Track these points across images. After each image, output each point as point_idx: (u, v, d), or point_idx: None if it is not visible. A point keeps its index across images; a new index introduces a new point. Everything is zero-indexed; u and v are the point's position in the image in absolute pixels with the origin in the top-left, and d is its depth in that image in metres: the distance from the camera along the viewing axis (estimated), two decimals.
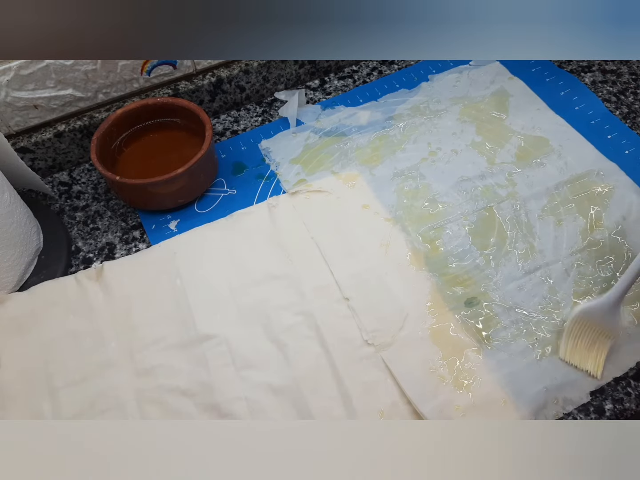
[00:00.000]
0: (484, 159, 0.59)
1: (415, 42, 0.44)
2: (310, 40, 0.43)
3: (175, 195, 0.54)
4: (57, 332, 0.47)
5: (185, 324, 0.47)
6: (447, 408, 0.43)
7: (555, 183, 0.56)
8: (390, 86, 0.66)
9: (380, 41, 0.44)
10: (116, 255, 0.53)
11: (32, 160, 0.58)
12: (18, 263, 0.49)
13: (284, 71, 0.65)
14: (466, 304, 0.48)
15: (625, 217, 0.53)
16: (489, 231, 0.53)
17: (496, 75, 0.66)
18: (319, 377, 0.45)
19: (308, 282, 0.49)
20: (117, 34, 0.42)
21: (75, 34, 0.41)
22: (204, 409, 0.43)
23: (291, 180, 0.58)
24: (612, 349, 0.45)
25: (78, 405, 0.44)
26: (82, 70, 0.55)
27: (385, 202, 0.55)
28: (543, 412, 0.43)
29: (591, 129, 0.61)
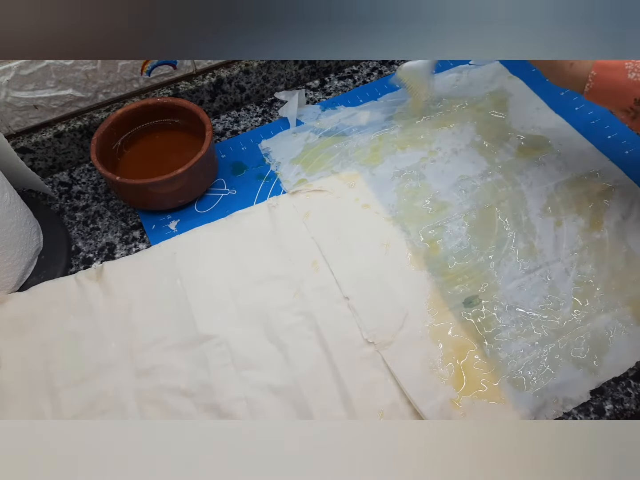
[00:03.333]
0: (483, 159, 0.59)
1: (415, 42, 0.44)
2: (310, 40, 0.43)
3: (175, 195, 0.54)
4: (57, 332, 0.47)
5: (185, 324, 0.47)
6: (446, 407, 0.43)
7: (555, 182, 0.56)
8: (390, 86, 0.66)
9: (380, 41, 0.44)
10: (116, 256, 0.53)
11: (32, 161, 0.58)
12: (18, 263, 0.49)
13: (284, 71, 0.65)
14: (466, 304, 0.48)
15: (625, 217, 0.53)
16: (489, 230, 0.53)
17: (496, 75, 0.66)
18: (319, 377, 0.45)
19: (308, 282, 0.49)
20: (117, 34, 0.42)
21: (75, 34, 0.41)
22: (204, 409, 0.43)
23: (291, 180, 0.58)
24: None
25: (78, 405, 0.44)
26: (82, 71, 0.55)
27: (385, 202, 0.55)
28: (543, 411, 0.43)
29: (591, 129, 0.61)
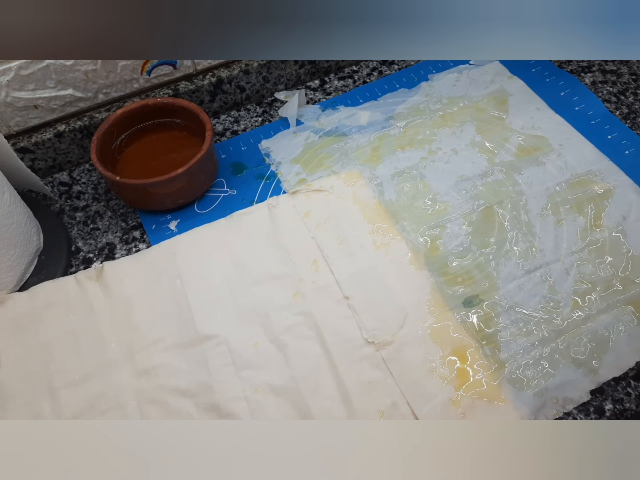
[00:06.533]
0: (483, 159, 0.59)
1: (415, 42, 0.44)
2: (310, 41, 0.43)
3: (175, 195, 0.54)
4: (57, 332, 0.47)
5: (185, 324, 0.47)
6: (446, 407, 0.43)
7: (555, 182, 0.56)
8: (390, 86, 0.66)
9: (381, 41, 0.44)
10: (116, 256, 0.53)
11: (32, 161, 0.58)
12: (18, 263, 0.49)
13: (284, 71, 0.65)
14: (466, 304, 0.48)
15: (625, 217, 0.53)
16: (489, 230, 0.53)
17: (496, 75, 0.66)
18: (319, 377, 0.45)
19: (308, 282, 0.49)
20: (117, 34, 0.42)
21: (76, 34, 0.41)
22: (204, 409, 0.43)
23: (291, 180, 0.58)
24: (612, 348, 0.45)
25: (78, 405, 0.44)
26: (82, 71, 0.55)
27: (385, 202, 0.55)
28: (543, 411, 0.43)
29: (591, 129, 0.61)
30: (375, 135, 0.61)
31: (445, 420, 0.42)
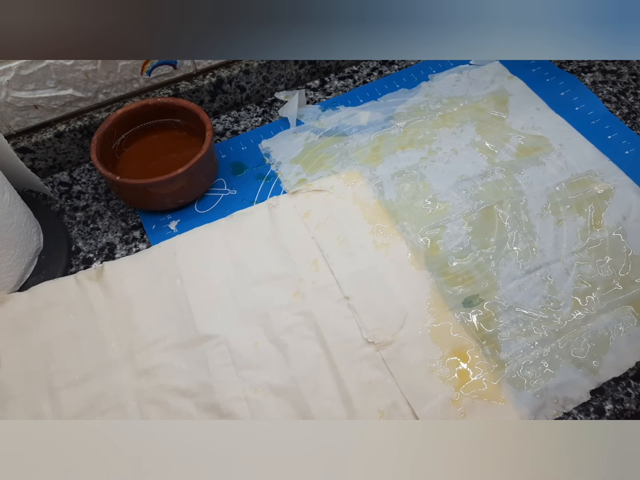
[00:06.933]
0: (484, 159, 0.59)
1: (415, 42, 0.44)
2: (310, 41, 0.43)
3: (175, 195, 0.54)
4: (57, 332, 0.47)
5: (185, 324, 0.47)
6: (446, 407, 0.43)
7: (555, 182, 0.56)
8: (390, 86, 0.66)
9: (381, 41, 0.44)
10: (116, 256, 0.53)
11: (32, 161, 0.58)
12: (18, 263, 0.49)
13: (284, 71, 0.65)
14: (466, 304, 0.48)
15: (625, 217, 0.53)
16: (489, 230, 0.53)
17: (496, 75, 0.66)
18: (319, 377, 0.45)
19: (308, 282, 0.49)
20: (117, 34, 0.42)
21: (76, 34, 0.41)
22: (204, 409, 0.43)
23: (291, 180, 0.58)
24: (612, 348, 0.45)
25: (78, 405, 0.44)
26: (83, 71, 0.55)
27: (385, 202, 0.55)
28: (543, 411, 0.43)
29: (591, 129, 0.61)
30: (375, 135, 0.61)
31: (445, 420, 0.42)
